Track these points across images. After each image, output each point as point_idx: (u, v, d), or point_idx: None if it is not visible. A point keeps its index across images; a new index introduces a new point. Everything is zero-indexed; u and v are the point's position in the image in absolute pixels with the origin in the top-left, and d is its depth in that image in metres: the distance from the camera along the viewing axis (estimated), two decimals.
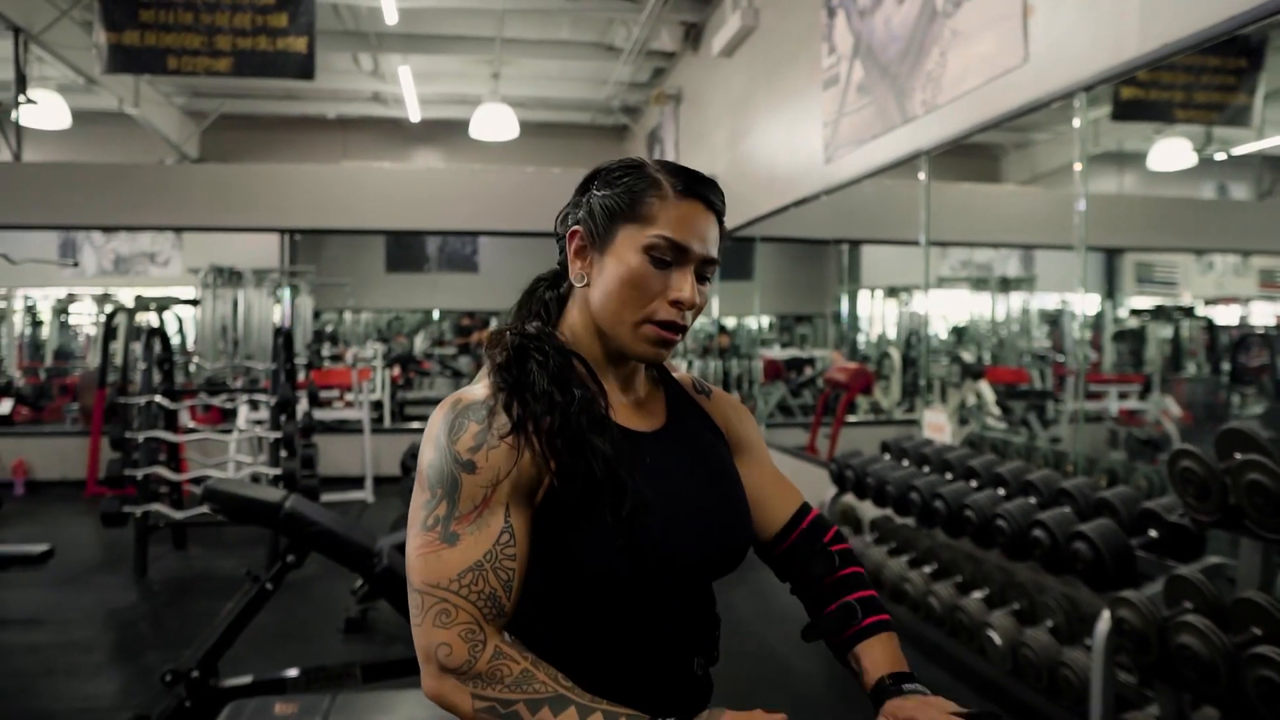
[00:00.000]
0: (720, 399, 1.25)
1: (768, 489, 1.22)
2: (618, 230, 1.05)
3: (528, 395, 1.01)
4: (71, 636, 4.16)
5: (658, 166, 1.08)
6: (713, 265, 1.07)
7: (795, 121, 6.21)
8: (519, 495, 0.99)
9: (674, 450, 1.12)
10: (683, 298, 1.03)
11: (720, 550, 1.10)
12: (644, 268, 1.03)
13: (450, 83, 10.19)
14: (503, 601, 0.96)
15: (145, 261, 11.76)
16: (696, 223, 1.04)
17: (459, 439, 0.99)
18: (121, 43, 6.39)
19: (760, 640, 4.19)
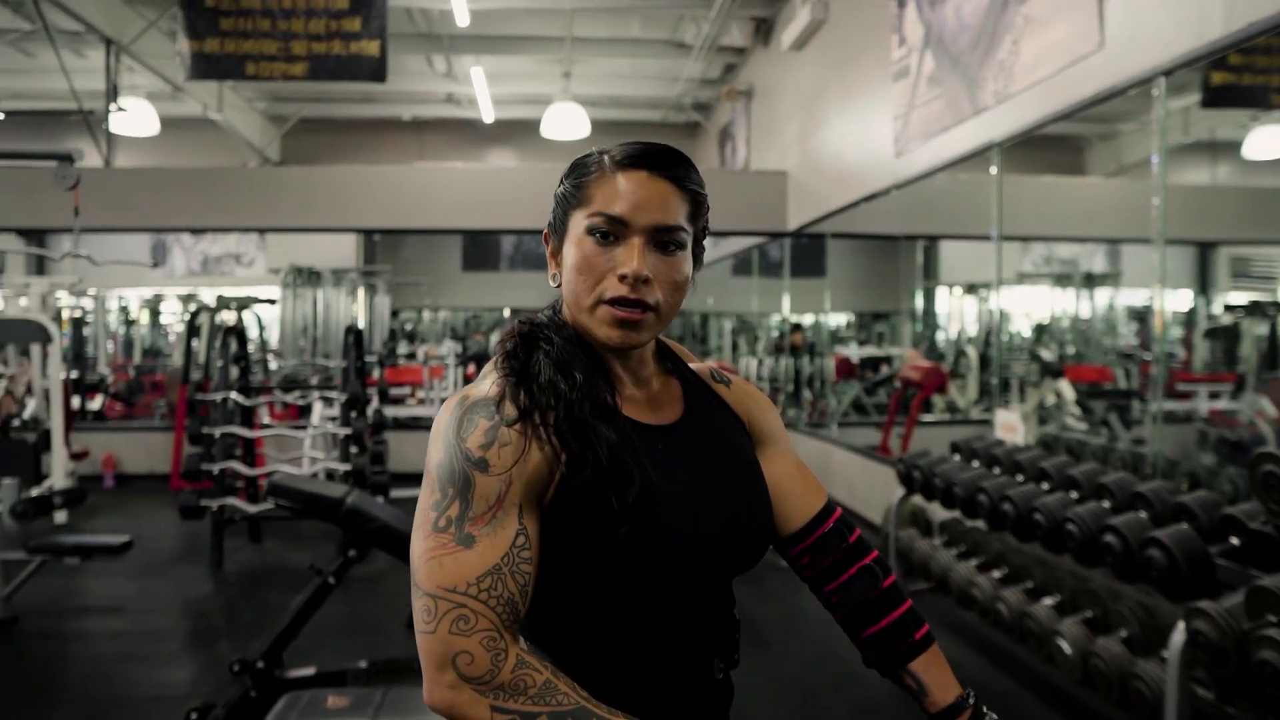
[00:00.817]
0: (740, 388, 1.20)
1: (789, 483, 1.16)
2: (569, 219, 1.03)
3: (533, 385, 0.99)
4: (149, 625, 4.31)
5: (607, 148, 1.05)
6: (671, 233, 1.00)
7: (865, 115, 6.09)
8: (530, 496, 0.96)
9: (689, 442, 1.08)
10: (626, 270, 0.97)
11: (736, 545, 1.05)
12: (589, 249, 0.99)
13: (522, 83, 10.28)
14: (519, 607, 0.93)
15: (231, 262, 12.16)
16: (635, 192, 0.99)
17: (469, 436, 0.96)
18: (203, 50, 6.60)
19: (821, 643, 4.12)
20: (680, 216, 1.01)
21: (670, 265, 1.00)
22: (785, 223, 7.82)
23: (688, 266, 1.03)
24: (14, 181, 7.10)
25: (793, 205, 7.70)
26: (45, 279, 6.51)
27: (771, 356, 8.96)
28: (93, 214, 7.65)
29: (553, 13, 8.17)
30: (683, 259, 1.02)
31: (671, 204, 1.00)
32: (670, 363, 1.16)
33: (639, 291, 0.98)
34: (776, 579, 5.11)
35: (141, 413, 9.54)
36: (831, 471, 6.97)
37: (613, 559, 0.96)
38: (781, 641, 4.15)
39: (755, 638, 4.18)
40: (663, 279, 1.00)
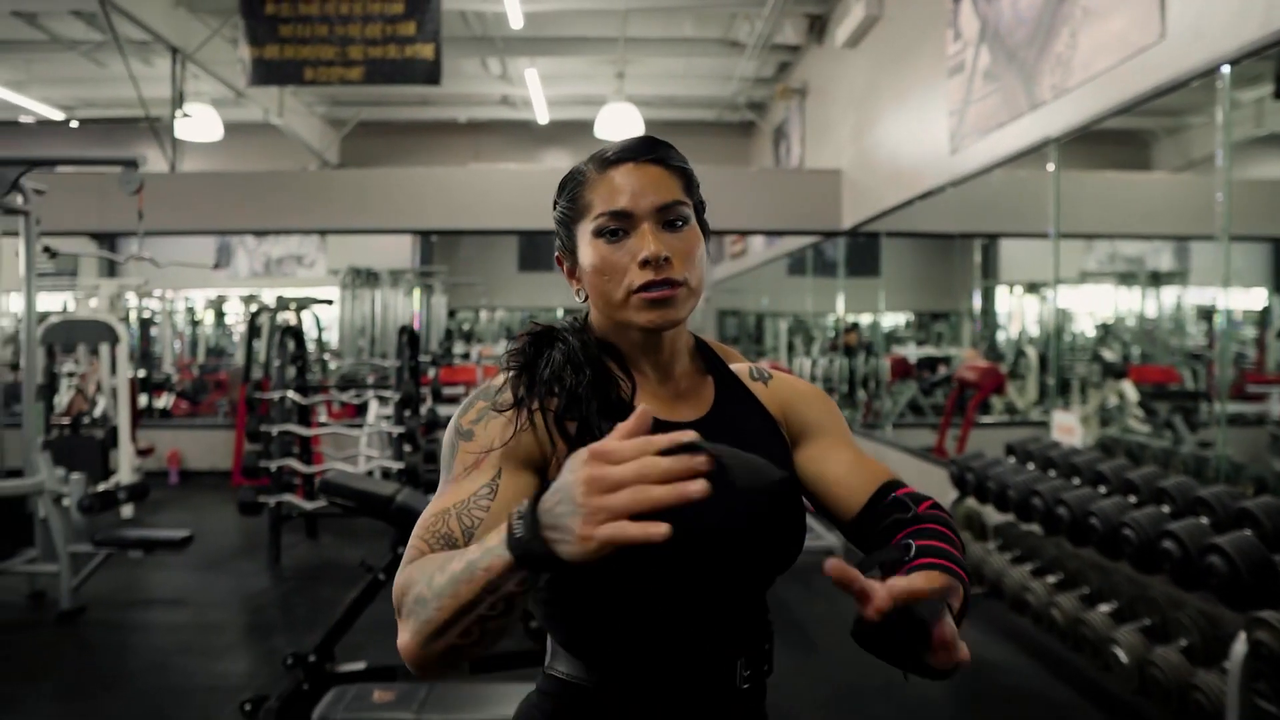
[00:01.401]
0: (780, 385, 1.17)
1: (844, 469, 1.10)
2: (576, 235, 1.07)
3: (536, 376, 1.04)
4: (208, 618, 4.42)
5: (588, 158, 1.08)
6: (674, 209, 1.04)
7: (920, 112, 6.00)
8: (515, 462, 0.99)
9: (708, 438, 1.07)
10: (645, 254, 1.00)
11: (742, 549, 1.03)
12: (604, 250, 1.03)
13: (576, 84, 10.33)
14: (459, 544, 0.92)
15: (293, 264, 12.43)
16: (629, 183, 1.03)
17: (465, 414, 1.03)
18: (263, 57, 6.75)
19: None
20: (677, 192, 1.05)
21: (683, 239, 1.04)
22: (839, 221, 7.73)
23: (699, 239, 1.07)
24: (86, 186, 7.33)
25: (847, 204, 7.61)
26: (114, 281, 6.73)
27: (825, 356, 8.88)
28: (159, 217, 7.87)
29: (606, 13, 8.19)
30: (692, 232, 1.06)
31: (665, 183, 1.04)
32: (707, 362, 1.16)
33: (663, 271, 1.01)
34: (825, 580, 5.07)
35: (206, 411, 9.79)
36: None
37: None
38: (828, 644, 4.10)
39: (802, 640, 4.15)
40: (680, 254, 1.03)
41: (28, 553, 4.59)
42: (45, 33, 8.06)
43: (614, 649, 1.04)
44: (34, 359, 4.71)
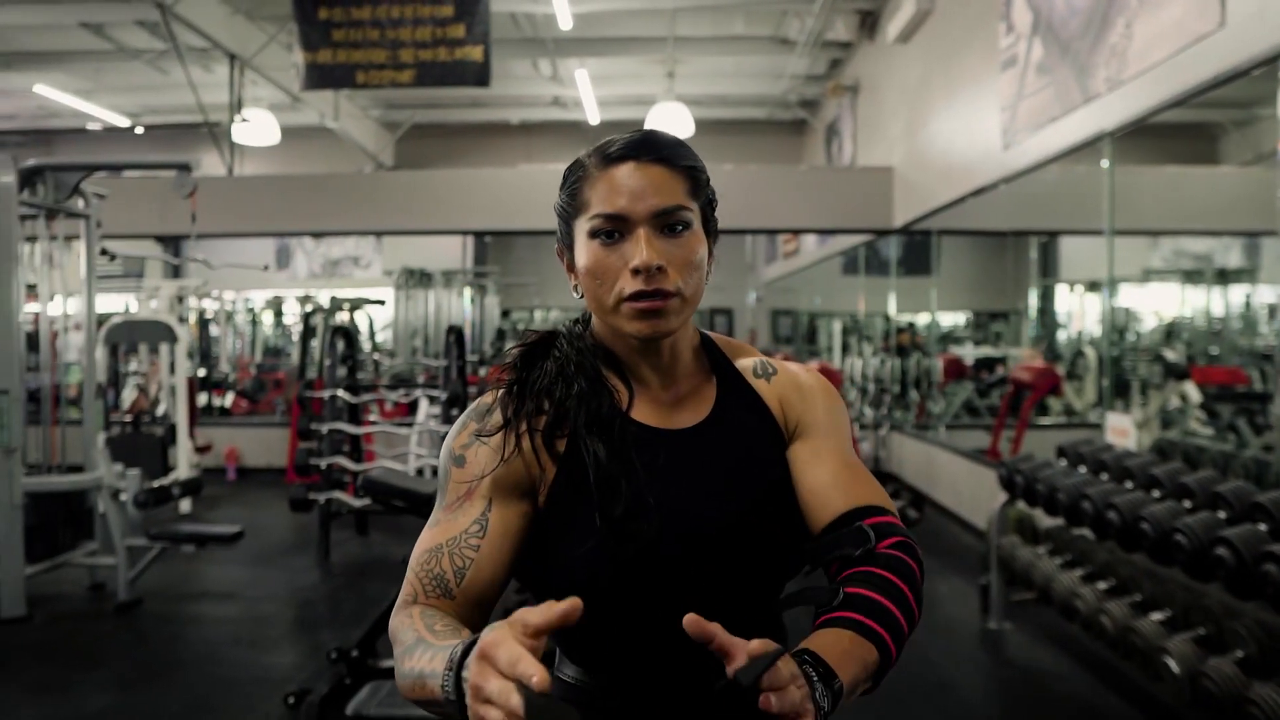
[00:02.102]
0: (782, 380, 1.12)
1: (823, 478, 1.04)
2: (573, 229, 1.03)
3: (526, 393, 1.02)
4: (258, 611, 4.51)
5: (590, 149, 1.03)
6: (674, 214, 0.98)
7: (972, 107, 5.88)
8: (505, 491, 0.98)
9: (701, 448, 1.04)
10: (636, 263, 0.95)
11: (727, 560, 1.00)
12: (598, 252, 0.98)
13: (626, 84, 10.34)
14: (450, 584, 0.94)
15: (350, 265, 12.65)
16: (629, 184, 0.97)
17: (457, 437, 1.02)
18: (316, 61, 6.87)
19: (918, 649, 3.99)
20: (679, 196, 0.99)
21: (681, 246, 0.99)
22: (891, 220, 7.63)
23: (701, 244, 1.01)
24: (149, 191, 7.54)
25: (899, 202, 7.50)
26: (174, 282, 6.90)
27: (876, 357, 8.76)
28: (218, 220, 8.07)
29: (655, 13, 8.18)
30: (693, 238, 1.00)
31: (667, 186, 0.98)
32: (712, 361, 1.12)
33: (655, 281, 0.96)
34: None
35: (264, 409, 10.01)
36: (936, 475, 6.77)
37: (594, 569, 0.96)
38: None
39: None
40: (677, 262, 0.98)
41: (88, 545, 4.73)
42: (111, 42, 8.32)
43: (612, 656, 1.03)
44: (94, 359, 4.85)
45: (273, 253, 12.39)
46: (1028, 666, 3.87)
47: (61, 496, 4.57)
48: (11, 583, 4.24)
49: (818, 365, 6.91)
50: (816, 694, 0.79)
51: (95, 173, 4.70)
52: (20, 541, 4.25)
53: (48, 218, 4.66)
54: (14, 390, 4.25)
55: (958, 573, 5.09)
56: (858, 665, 0.85)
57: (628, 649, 1.02)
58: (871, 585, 0.92)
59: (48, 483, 4.49)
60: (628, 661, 1.02)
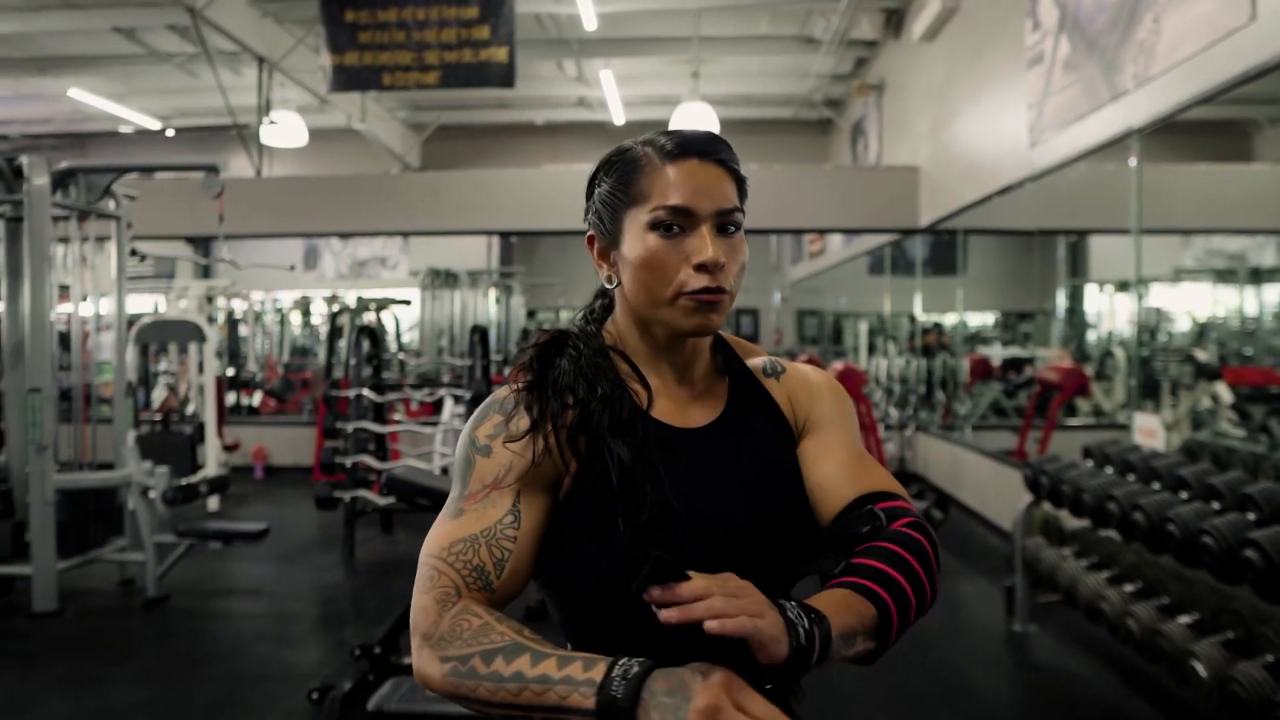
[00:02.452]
0: (791, 378, 1.14)
1: (832, 471, 1.05)
2: (623, 219, 1.02)
3: (549, 392, 1.00)
4: (284, 608, 4.55)
5: (645, 140, 1.04)
6: (731, 215, 1.00)
7: (998, 105, 5.83)
8: (533, 484, 0.98)
9: (718, 447, 1.05)
10: (705, 259, 0.97)
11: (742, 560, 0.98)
12: (657, 245, 0.99)
13: (651, 84, 10.35)
14: (490, 577, 0.93)
15: (377, 265, 12.74)
16: (695, 180, 0.99)
17: (480, 426, 1.01)
18: (343, 64, 6.93)
19: (938, 651, 3.97)
20: (735, 198, 1.02)
21: (734, 247, 1.01)
22: (917, 219, 7.58)
23: (745, 247, 1.04)
24: (179, 192, 7.64)
25: (925, 201, 7.45)
26: (202, 282, 6.98)
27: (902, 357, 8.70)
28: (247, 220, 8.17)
29: (679, 13, 8.18)
30: (741, 240, 1.03)
31: (725, 188, 1.01)
32: (726, 360, 1.13)
33: (718, 278, 0.98)
34: None
35: (293, 409, 10.10)
36: (962, 477, 6.71)
37: (614, 566, 0.95)
38: (895, 649, 4.00)
39: None
40: (731, 262, 1.00)
41: (118, 542, 4.80)
42: (143, 46, 8.44)
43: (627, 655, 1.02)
44: (124, 358, 4.92)
45: (301, 253, 12.51)
46: (1052, 670, 3.83)
47: (92, 493, 4.64)
48: (44, 577, 4.31)
49: (842, 366, 6.87)
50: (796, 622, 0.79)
51: (125, 175, 4.77)
52: (52, 537, 4.32)
53: (79, 219, 4.73)
54: (46, 389, 4.32)
55: (983, 575, 5.05)
56: (851, 615, 0.85)
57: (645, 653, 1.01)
58: (875, 555, 0.93)
59: (79, 479, 4.56)
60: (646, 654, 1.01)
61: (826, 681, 3.68)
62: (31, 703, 3.47)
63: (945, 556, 5.35)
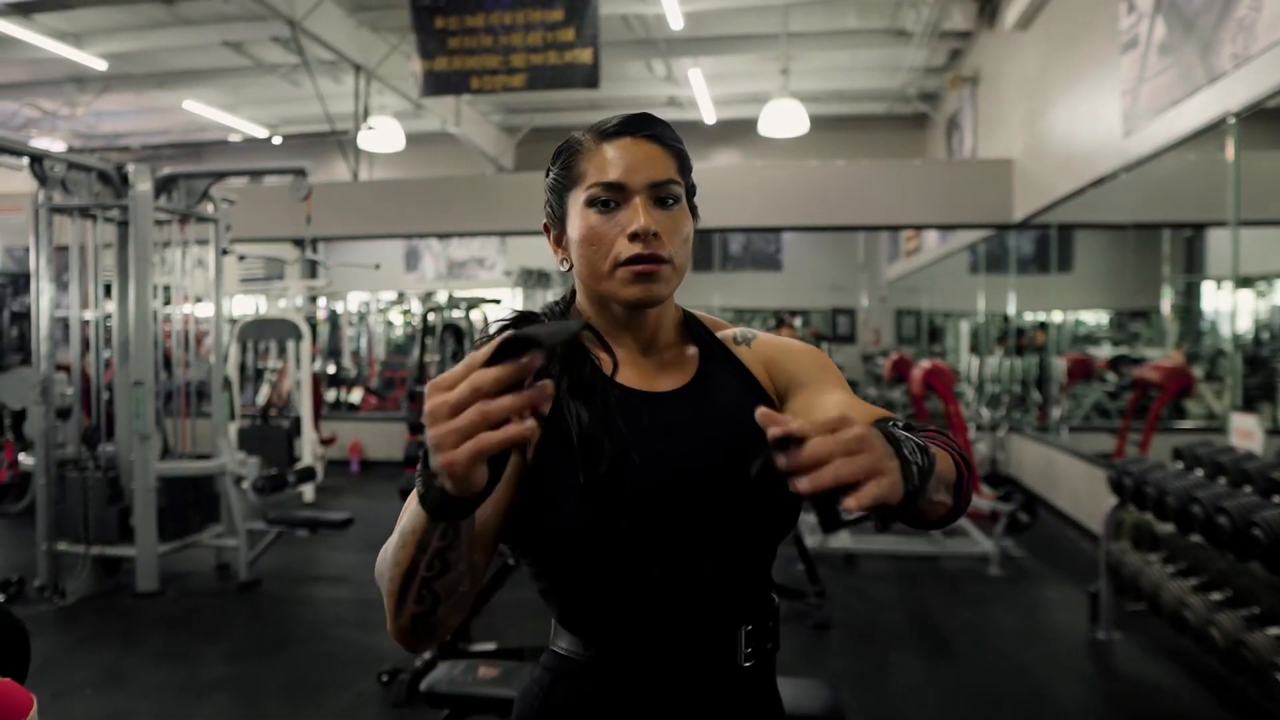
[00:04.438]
0: (763, 345, 1.15)
1: (833, 409, 1.04)
2: (567, 201, 1.06)
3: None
4: (366, 594, 4.71)
5: (587, 128, 1.07)
6: (665, 187, 1.02)
7: (1092, 93, 5.61)
8: None
9: (685, 409, 1.06)
10: (636, 228, 0.99)
11: (713, 516, 1.01)
12: (594, 220, 1.02)
13: (741, 82, 10.30)
14: None
15: (475, 266, 13.03)
16: (625, 156, 1.02)
17: None
18: (434, 69, 7.13)
19: (1010, 656, 3.85)
20: (671, 171, 1.04)
21: (673, 219, 1.03)
22: (1011, 214, 7.34)
23: (688, 219, 1.06)
24: (285, 196, 7.97)
25: (1019, 195, 7.22)
26: (300, 282, 7.27)
27: (994, 356, 8.45)
28: (347, 223, 8.49)
29: (766, 9, 8.12)
30: (682, 212, 1.05)
31: (661, 161, 1.03)
32: (694, 334, 1.15)
33: (651, 246, 1.00)
34: (976, 585, 4.84)
35: (392, 406, 10.43)
36: (1055, 479, 6.48)
37: (580, 527, 0.97)
38: (967, 652, 3.91)
39: (938, 646, 3.97)
40: (669, 232, 1.02)
41: (215, 528, 5.05)
42: (250, 59, 8.85)
43: (606, 621, 1.04)
44: (221, 355, 5.18)
45: (402, 255, 12.90)
46: (1136, 680, 3.67)
47: (191, 481, 4.89)
48: (146, 559, 4.57)
49: (929, 364, 6.69)
50: (912, 460, 0.75)
51: (223, 179, 5.01)
52: (154, 521, 4.58)
53: (181, 222, 5.00)
54: (148, 382, 4.58)
55: (1069, 580, 4.86)
56: (946, 464, 0.85)
57: (620, 614, 1.03)
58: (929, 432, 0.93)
59: (177, 468, 4.82)
60: (621, 629, 1.03)
61: (896, 682, 3.61)
62: (130, 674, 3.70)
63: (1031, 561, 5.19)
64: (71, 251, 4.70)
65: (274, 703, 3.46)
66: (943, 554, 5.20)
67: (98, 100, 9.93)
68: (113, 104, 10.41)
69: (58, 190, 4.53)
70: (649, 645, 1.03)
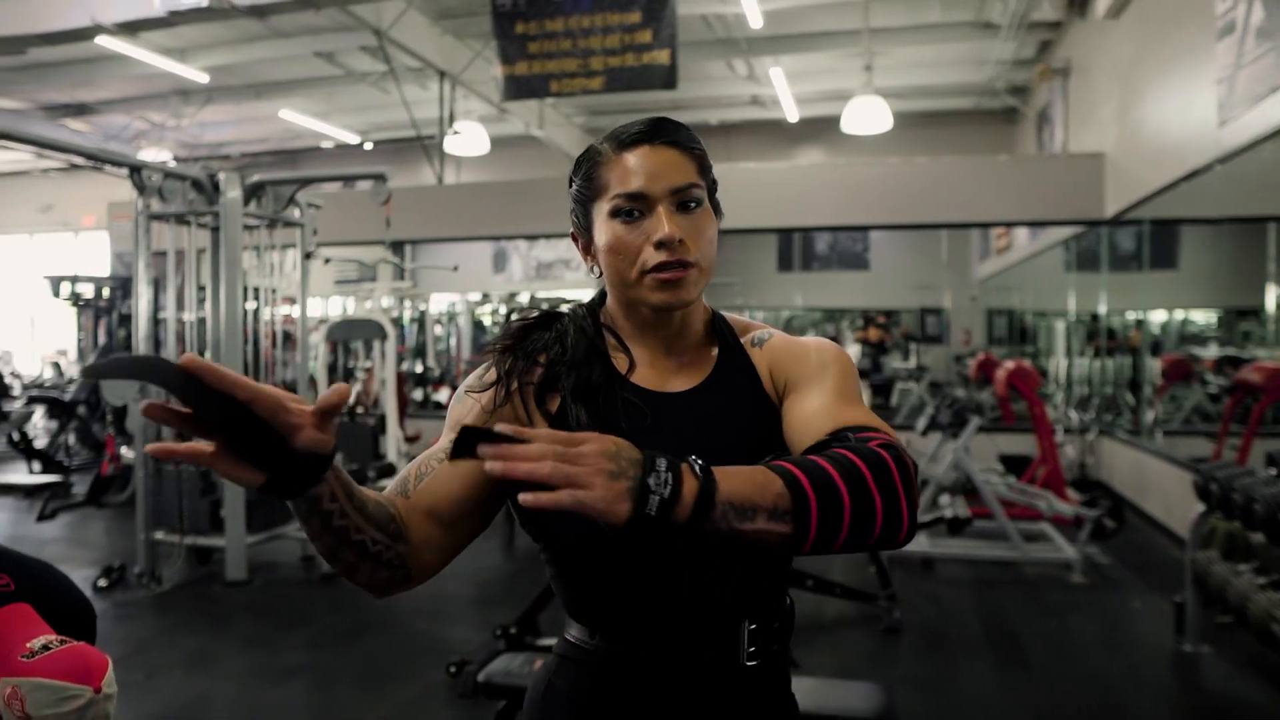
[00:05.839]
0: (774, 346, 1.15)
1: (812, 410, 1.03)
2: (592, 212, 1.08)
3: (518, 355, 1.09)
4: (442, 587, 4.82)
5: (605, 137, 1.09)
6: (687, 191, 1.04)
7: (1185, 82, 5.37)
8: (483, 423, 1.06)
9: (689, 411, 1.09)
10: (661, 236, 1.02)
11: None
12: (619, 230, 1.04)
13: (824, 79, 10.19)
14: (409, 487, 1.02)
15: (561, 267, 13.20)
16: (645, 165, 1.04)
17: (465, 381, 1.12)
18: (514, 73, 7.24)
19: (1090, 667, 3.72)
20: (692, 175, 1.06)
21: (696, 222, 1.05)
22: (1102, 209, 7.09)
23: (712, 220, 1.08)
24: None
25: (1110, 190, 6.96)
26: (386, 284, 7.49)
27: (1084, 356, 8.16)
28: (434, 226, 8.71)
29: (847, 5, 8.02)
30: (705, 214, 1.07)
31: (680, 166, 1.05)
32: (720, 335, 1.17)
33: (677, 252, 1.02)
34: (1057, 592, 4.70)
35: None
36: (1147, 485, 6.24)
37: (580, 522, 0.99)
38: (1042, 661, 3.80)
39: (1014, 655, 3.87)
40: (693, 235, 1.04)
41: None
42: (341, 68, 9.16)
43: (610, 612, 1.07)
44: (306, 354, 5.38)
45: (490, 257, 13.15)
46: (1222, 696, 3.51)
47: None
48: (235, 550, 4.78)
49: (1013, 365, 6.51)
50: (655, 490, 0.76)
51: (307, 185, 5.20)
52: (243, 514, 4.79)
53: (268, 227, 5.20)
54: None
55: (1158, 590, 4.67)
56: (750, 486, 0.81)
57: (623, 605, 1.06)
58: (817, 451, 0.90)
59: None
60: (624, 620, 1.06)
61: (965, 689, 3.54)
62: (216, 658, 3.89)
63: (1117, 569, 5.02)
64: (168, 256, 4.95)
65: (347, 690, 3.58)
66: (1023, 560, 5.06)
67: (201, 112, 10.42)
68: (214, 115, 10.91)
69: (155, 198, 4.77)
70: (651, 637, 1.05)
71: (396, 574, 0.97)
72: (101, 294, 8.74)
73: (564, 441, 0.75)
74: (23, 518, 6.64)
